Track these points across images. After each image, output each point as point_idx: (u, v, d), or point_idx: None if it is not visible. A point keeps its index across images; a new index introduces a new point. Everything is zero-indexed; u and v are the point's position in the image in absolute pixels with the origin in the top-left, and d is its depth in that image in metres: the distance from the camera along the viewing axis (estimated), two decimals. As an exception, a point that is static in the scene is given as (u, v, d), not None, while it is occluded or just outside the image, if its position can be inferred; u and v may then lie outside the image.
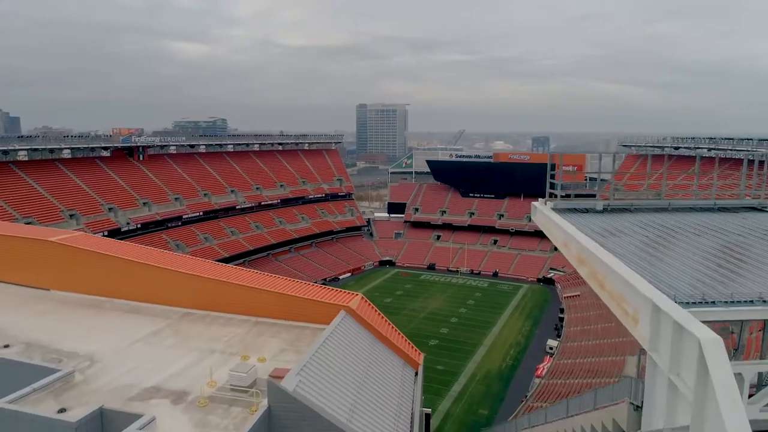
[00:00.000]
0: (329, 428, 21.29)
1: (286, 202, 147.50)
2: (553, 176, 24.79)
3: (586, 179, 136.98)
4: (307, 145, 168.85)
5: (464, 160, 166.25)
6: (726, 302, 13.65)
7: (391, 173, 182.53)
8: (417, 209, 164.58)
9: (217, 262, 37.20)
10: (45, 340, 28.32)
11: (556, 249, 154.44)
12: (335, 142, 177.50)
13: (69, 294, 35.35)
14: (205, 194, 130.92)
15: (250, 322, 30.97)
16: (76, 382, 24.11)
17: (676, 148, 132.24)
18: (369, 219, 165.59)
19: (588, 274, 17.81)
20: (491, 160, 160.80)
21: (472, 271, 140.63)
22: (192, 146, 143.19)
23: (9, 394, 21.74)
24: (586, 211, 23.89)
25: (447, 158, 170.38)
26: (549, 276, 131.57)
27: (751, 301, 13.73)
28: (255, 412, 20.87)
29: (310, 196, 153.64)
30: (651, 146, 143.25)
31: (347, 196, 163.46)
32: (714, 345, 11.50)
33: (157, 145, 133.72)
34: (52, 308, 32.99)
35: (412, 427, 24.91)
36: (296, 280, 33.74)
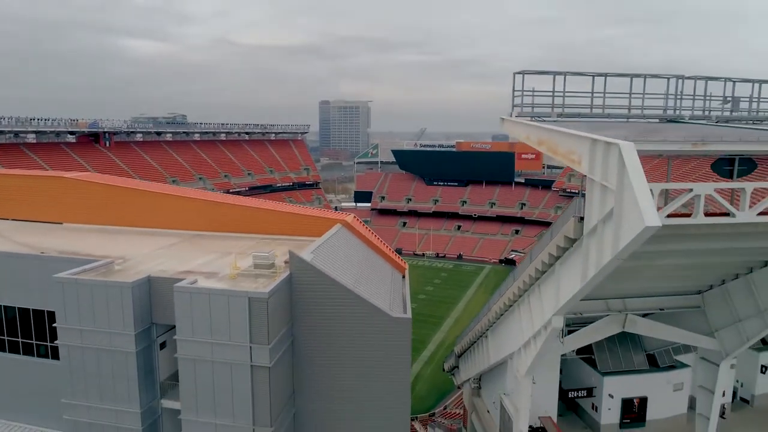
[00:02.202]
0: (339, 290, 26.01)
1: (254, 190, 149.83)
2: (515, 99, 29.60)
3: (543, 167, 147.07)
4: (273, 135, 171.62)
5: (428, 149, 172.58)
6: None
7: (357, 163, 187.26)
8: (383, 197, 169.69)
9: (219, 193, 41.14)
10: (74, 250, 31.79)
11: (517, 232, 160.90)
12: (302, 133, 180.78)
13: (82, 225, 38.58)
14: (173, 180, 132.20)
15: (257, 238, 35.17)
16: (116, 270, 27.95)
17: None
18: (336, 207, 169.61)
19: (546, 149, 23.28)
20: (454, 149, 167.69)
21: (438, 254, 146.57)
22: (159, 134, 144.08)
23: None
24: (543, 120, 29.33)
25: (412, 148, 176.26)
26: (510, 257, 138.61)
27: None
28: (279, 276, 25.33)
29: (278, 185, 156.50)
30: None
31: (315, 185, 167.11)
32: (628, 148, 17.00)
33: (124, 132, 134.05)
34: (71, 234, 36.29)
35: (404, 307, 29.80)
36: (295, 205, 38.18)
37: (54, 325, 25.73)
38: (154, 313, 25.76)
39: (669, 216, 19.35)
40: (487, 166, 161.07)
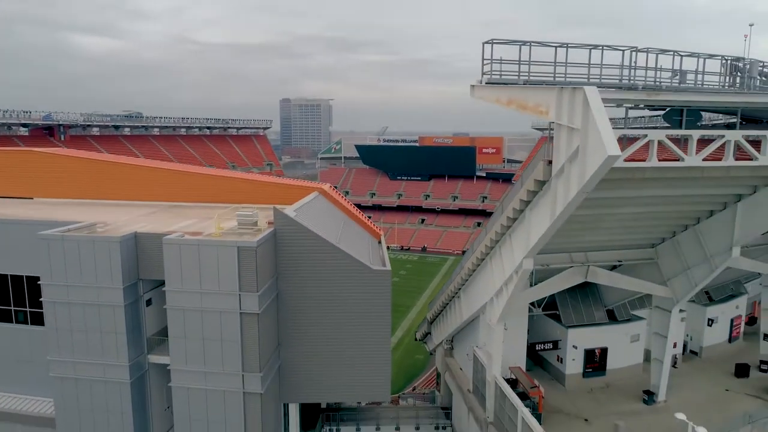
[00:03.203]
0: (322, 244, 27.21)
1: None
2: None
3: (504, 161, 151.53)
4: (235, 130, 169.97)
5: (391, 144, 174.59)
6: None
7: (321, 158, 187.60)
8: (347, 192, 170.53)
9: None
10: (56, 217, 31.67)
11: (479, 225, 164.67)
12: (264, 128, 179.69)
13: (54, 199, 38.28)
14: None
15: (234, 207, 35.83)
16: (99, 231, 28.27)
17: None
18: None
19: (516, 106, 25.25)
20: (417, 144, 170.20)
21: (402, 247, 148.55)
22: (116, 128, 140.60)
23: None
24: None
25: (375, 143, 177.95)
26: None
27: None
28: (264, 232, 26.33)
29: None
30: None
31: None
32: (592, 91, 18.99)
33: (80, 125, 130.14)
34: (45, 207, 36.02)
35: (383, 263, 31.17)
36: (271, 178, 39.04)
37: (38, 282, 25.92)
38: (141, 269, 26.34)
39: (627, 160, 21.54)
40: (450, 161, 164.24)
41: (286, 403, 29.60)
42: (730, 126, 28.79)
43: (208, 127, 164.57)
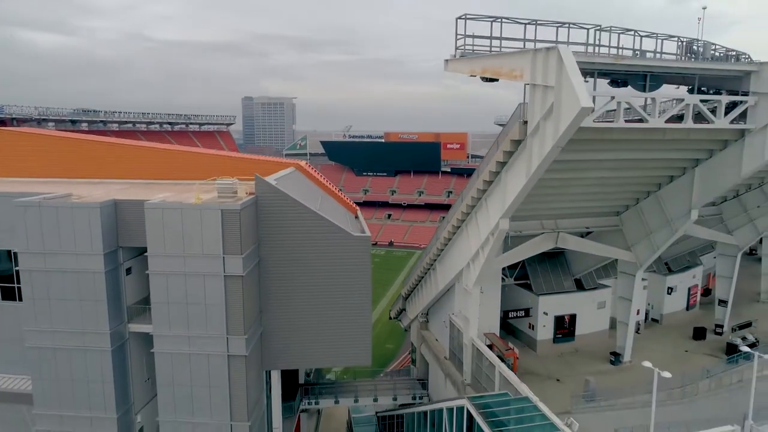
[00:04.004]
0: (303, 211, 27.65)
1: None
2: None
3: (468, 157, 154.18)
4: (198, 126, 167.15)
5: (357, 140, 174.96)
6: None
7: (286, 155, 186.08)
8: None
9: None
10: (29, 191, 30.85)
11: (443, 218, 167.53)
12: (227, 124, 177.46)
13: (21, 179, 37.21)
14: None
15: (211, 183, 35.78)
16: (74, 200, 27.83)
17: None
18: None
19: (491, 73, 26.43)
20: (382, 140, 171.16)
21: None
22: (73, 122, 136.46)
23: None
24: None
25: (341, 139, 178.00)
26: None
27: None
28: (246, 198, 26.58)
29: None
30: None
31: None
32: (565, 49, 20.18)
33: (35, 119, 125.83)
34: (11, 185, 35.03)
35: (363, 230, 31.75)
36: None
37: (14, 251, 25.47)
38: (121, 237, 26.19)
39: (596, 121, 22.89)
40: (415, 156, 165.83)
41: (267, 371, 29.81)
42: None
43: (170, 123, 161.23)
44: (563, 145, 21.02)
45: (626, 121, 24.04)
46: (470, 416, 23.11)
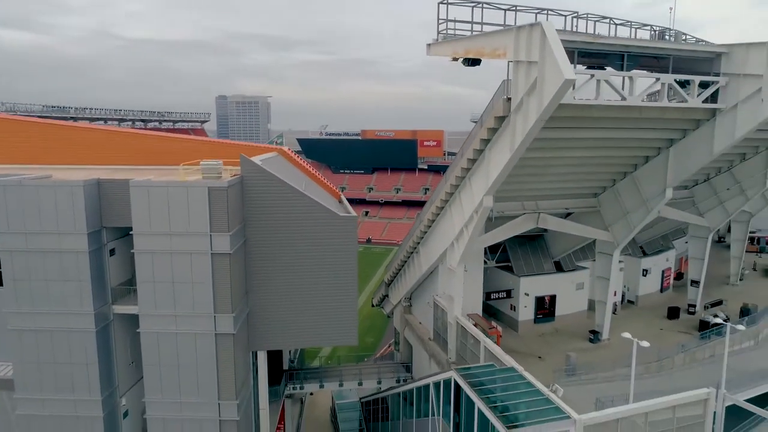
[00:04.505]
0: (289, 191, 27.74)
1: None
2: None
3: (445, 154, 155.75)
4: (171, 123, 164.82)
5: (334, 137, 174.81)
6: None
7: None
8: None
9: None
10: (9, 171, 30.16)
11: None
12: (202, 121, 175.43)
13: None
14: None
15: (192, 169, 35.53)
16: (54, 178, 27.30)
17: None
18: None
19: (474, 54, 26.99)
20: (359, 137, 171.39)
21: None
22: (43, 119, 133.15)
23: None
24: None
25: (317, 136, 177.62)
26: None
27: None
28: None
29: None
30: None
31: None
32: (548, 25, 20.79)
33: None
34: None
35: (348, 212, 31.98)
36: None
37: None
38: (104, 217, 25.90)
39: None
40: (392, 154, 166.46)
41: (254, 353, 29.81)
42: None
43: (143, 120, 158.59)
44: (547, 119, 21.62)
45: (605, 100, 24.80)
46: (457, 388, 23.56)
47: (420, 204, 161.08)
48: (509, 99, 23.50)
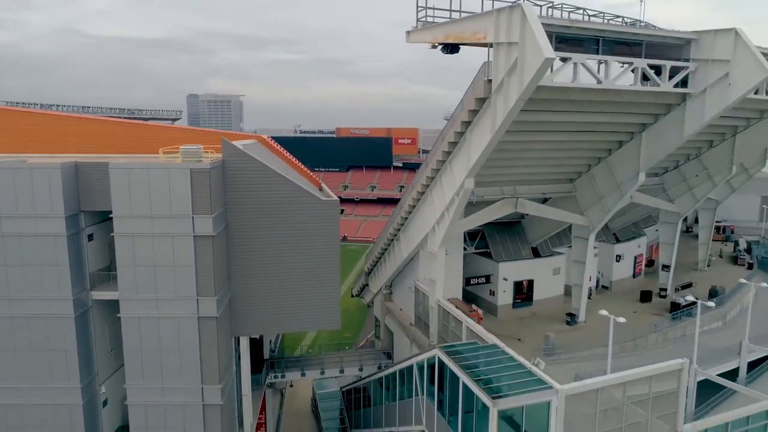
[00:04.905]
0: (271, 175, 27.67)
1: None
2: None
3: (419, 152, 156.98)
4: (142, 121, 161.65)
5: (308, 135, 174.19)
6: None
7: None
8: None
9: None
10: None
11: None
12: (174, 119, 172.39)
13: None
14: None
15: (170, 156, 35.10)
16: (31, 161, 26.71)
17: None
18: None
19: (454, 39, 27.39)
20: (334, 135, 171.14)
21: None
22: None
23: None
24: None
25: (292, 134, 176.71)
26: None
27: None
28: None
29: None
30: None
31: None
32: (528, 5, 21.30)
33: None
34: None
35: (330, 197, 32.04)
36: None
37: (-35, 217, 24.26)
38: (82, 200, 25.39)
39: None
40: (367, 151, 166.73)
41: (236, 339, 29.66)
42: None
43: (111, 118, 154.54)
44: (527, 99, 22.15)
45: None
46: (441, 366, 23.87)
47: (395, 201, 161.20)
48: (490, 80, 23.98)
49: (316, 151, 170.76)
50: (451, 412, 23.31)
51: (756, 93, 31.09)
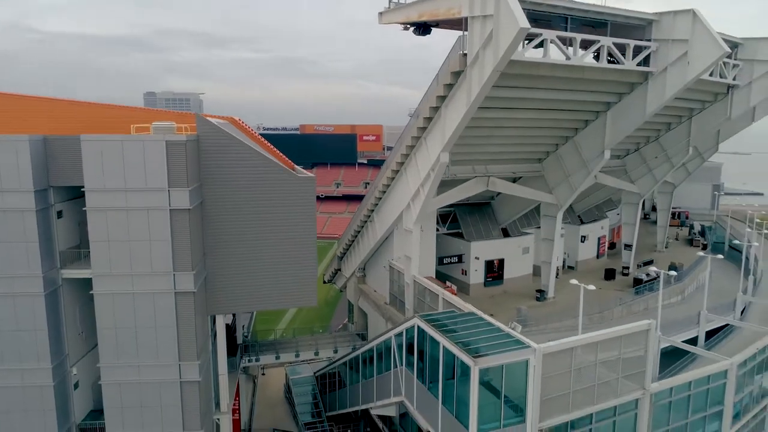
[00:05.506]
0: (246, 151, 27.59)
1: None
2: None
3: (384, 148, 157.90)
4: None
5: (272, 132, 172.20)
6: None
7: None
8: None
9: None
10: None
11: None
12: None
13: None
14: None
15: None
16: None
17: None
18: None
19: (428, 17, 27.95)
20: (298, 132, 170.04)
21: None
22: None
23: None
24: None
25: (255, 131, 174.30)
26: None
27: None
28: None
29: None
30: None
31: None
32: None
33: None
34: None
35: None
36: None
37: (-74, 192, 23.27)
38: (51, 175, 24.75)
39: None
40: (332, 148, 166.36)
41: (212, 318, 29.37)
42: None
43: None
44: (501, 70, 22.79)
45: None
46: (420, 334, 24.25)
47: (360, 198, 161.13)
48: (465, 54, 24.54)
49: (279, 148, 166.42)
50: (431, 378, 23.74)
51: (711, 75, 32.97)
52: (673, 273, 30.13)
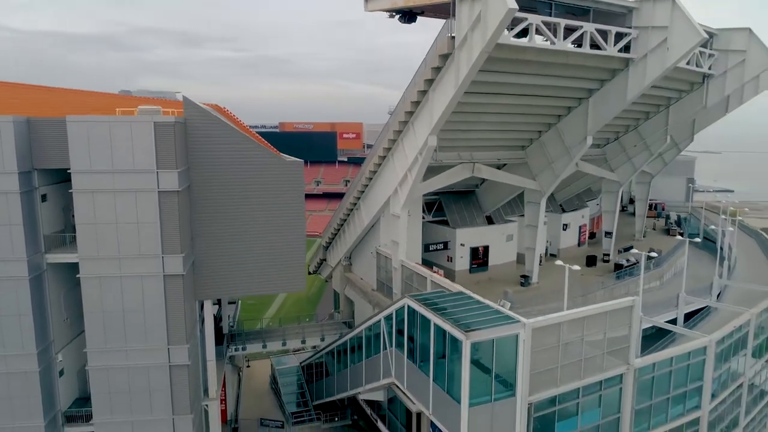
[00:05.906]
0: (234, 135, 27.51)
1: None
2: None
3: (364, 146, 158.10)
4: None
5: (252, 130, 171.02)
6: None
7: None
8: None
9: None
10: None
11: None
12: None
13: None
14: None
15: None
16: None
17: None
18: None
19: (414, 2, 28.09)
20: (277, 130, 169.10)
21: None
22: None
23: None
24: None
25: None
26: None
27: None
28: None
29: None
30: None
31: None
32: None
33: None
34: None
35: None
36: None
37: None
38: (35, 158, 24.34)
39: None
40: (311, 146, 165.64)
41: (200, 303, 29.18)
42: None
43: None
44: (489, 52, 23.16)
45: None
46: (411, 314, 24.45)
47: (341, 196, 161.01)
48: (453, 37, 24.86)
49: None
50: (422, 357, 23.98)
51: (687, 63, 33.94)
52: (654, 254, 30.87)
